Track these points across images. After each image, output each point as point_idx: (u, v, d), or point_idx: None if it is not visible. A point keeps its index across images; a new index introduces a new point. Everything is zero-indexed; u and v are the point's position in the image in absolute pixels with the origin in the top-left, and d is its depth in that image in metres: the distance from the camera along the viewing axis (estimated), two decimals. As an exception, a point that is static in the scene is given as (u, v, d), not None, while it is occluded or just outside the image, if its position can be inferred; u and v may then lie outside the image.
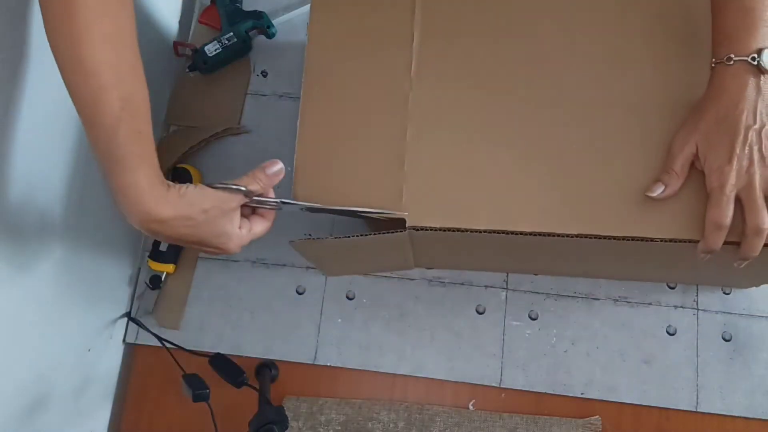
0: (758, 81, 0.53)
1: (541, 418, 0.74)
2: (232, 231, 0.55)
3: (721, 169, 0.53)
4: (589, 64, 0.60)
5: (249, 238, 0.57)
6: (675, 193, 0.56)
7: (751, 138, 0.53)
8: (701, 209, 0.55)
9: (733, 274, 0.71)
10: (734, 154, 0.52)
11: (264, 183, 0.56)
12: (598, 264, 0.70)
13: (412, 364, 0.77)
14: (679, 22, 0.60)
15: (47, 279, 0.63)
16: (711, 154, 0.54)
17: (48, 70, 0.45)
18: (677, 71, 0.59)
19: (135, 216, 0.49)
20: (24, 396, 0.62)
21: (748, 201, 0.53)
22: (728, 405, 0.74)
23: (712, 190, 0.54)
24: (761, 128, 0.53)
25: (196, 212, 0.51)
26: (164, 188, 0.50)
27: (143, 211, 0.49)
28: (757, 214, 0.52)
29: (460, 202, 0.58)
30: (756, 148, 0.53)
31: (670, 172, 0.55)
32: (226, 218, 0.54)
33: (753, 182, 0.52)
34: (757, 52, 0.52)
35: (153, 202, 0.49)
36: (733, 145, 0.52)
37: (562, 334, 0.77)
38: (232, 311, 0.80)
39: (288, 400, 0.77)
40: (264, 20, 0.87)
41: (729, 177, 0.52)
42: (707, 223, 0.54)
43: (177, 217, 0.50)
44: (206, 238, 0.53)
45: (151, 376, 0.79)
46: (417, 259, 0.75)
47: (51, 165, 0.62)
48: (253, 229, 0.57)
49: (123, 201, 0.49)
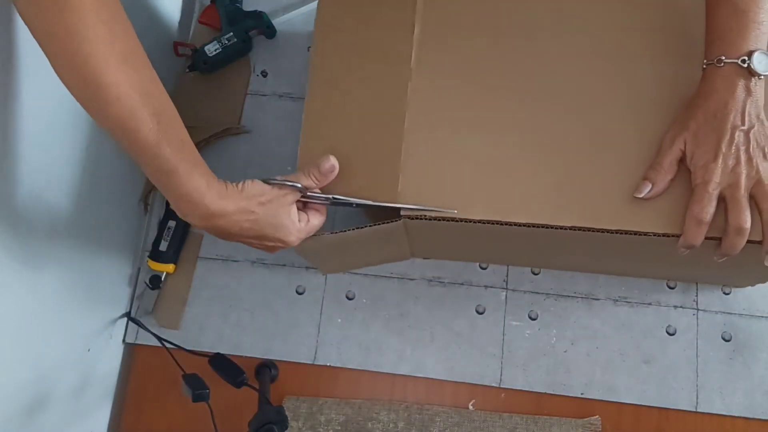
0: (748, 83, 0.53)
1: (540, 418, 0.74)
2: (291, 224, 0.57)
3: (706, 166, 0.53)
4: (588, 58, 0.60)
5: (307, 230, 0.59)
6: (663, 190, 0.56)
7: (738, 138, 0.53)
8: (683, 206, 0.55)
9: (732, 273, 0.71)
10: (720, 153, 0.53)
11: (317, 179, 0.59)
12: (593, 258, 0.71)
13: (412, 364, 0.77)
14: (680, 20, 0.60)
15: (47, 279, 0.63)
16: (698, 151, 0.54)
17: (47, 70, 0.45)
18: (675, 68, 0.59)
19: (199, 217, 0.51)
20: (24, 396, 0.62)
21: (732, 200, 0.53)
22: (728, 405, 0.74)
23: (696, 187, 0.54)
24: (749, 129, 0.53)
25: (256, 205, 0.54)
26: (222, 185, 0.52)
27: (207, 211, 0.51)
28: (740, 213, 0.53)
29: (455, 192, 0.58)
30: (743, 149, 0.53)
31: (658, 169, 0.56)
32: (284, 211, 0.56)
33: (738, 182, 0.53)
34: (747, 55, 0.53)
35: (215, 199, 0.51)
36: (720, 144, 0.53)
37: (562, 334, 0.77)
38: (232, 311, 0.80)
39: (288, 400, 0.77)
40: (264, 20, 0.87)
41: (714, 175, 0.53)
42: (688, 218, 0.54)
43: (238, 210, 0.53)
44: (267, 231, 0.56)
45: (151, 376, 0.79)
46: (414, 250, 0.75)
47: (51, 164, 0.62)
48: (310, 221, 0.59)
49: (185, 207, 0.51)
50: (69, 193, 0.65)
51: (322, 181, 0.59)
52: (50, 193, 0.62)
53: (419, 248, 0.74)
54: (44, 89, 0.58)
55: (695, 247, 0.55)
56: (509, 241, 0.65)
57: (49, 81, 0.45)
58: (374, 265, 0.80)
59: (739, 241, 0.53)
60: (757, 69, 0.52)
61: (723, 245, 0.55)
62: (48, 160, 0.61)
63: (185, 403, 0.65)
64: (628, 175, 0.57)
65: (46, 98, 0.58)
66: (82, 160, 0.66)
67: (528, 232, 0.59)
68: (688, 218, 0.54)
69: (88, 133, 0.67)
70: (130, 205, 0.81)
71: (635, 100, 0.59)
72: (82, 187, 0.67)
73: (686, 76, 0.58)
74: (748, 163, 0.53)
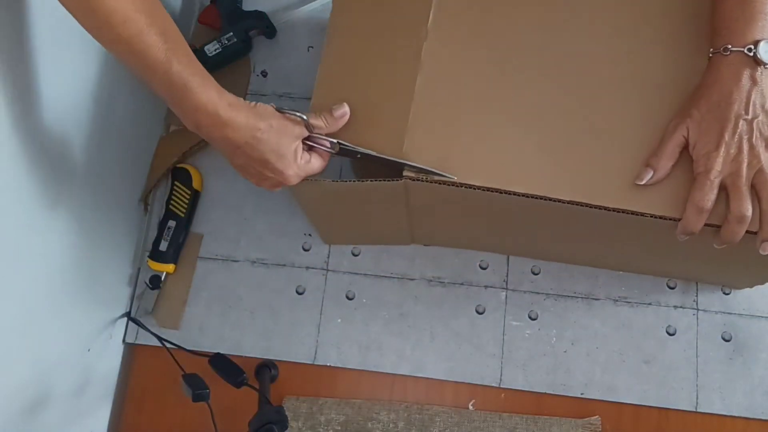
0: (753, 72, 0.53)
1: (540, 418, 0.74)
2: (293, 157, 0.57)
3: (708, 155, 0.54)
4: (602, 37, 0.61)
5: (306, 170, 0.59)
6: (663, 177, 0.56)
7: (742, 127, 0.53)
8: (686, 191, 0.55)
9: (731, 269, 0.71)
10: (723, 142, 0.53)
11: (328, 122, 0.59)
12: (591, 245, 0.71)
13: (412, 364, 0.77)
14: (694, 8, 0.60)
15: (47, 279, 0.63)
16: (700, 140, 0.55)
17: (45, 70, 0.45)
18: (686, 56, 0.59)
19: (211, 126, 0.54)
20: (24, 395, 0.62)
21: (734, 188, 0.53)
22: (728, 405, 0.74)
23: (698, 175, 0.54)
24: (753, 119, 0.53)
25: (265, 125, 0.55)
26: (233, 97, 0.55)
27: (219, 120, 0.53)
28: (741, 202, 0.53)
29: (458, 158, 0.58)
30: (746, 138, 0.53)
31: (660, 155, 0.56)
32: (289, 141, 0.57)
33: (740, 170, 0.53)
34: (753, 44, 0.53)
35: (226, 109, 0.53)
36: (723, 132, 0.53)
37: (561, 334, 0.77)
38: (232, 311, 0.80)
39: (288, 400, 0.77)
40: (264, 20, 0.87)
41: (715, 163, 0.53)
42: (689, 204, 0.54)
43: (248, 125, 0.54)
44: (269, 156, 0.56)
45: (151, 376, 0.79)
46: (414, 230, 0.75)
47: (51, 164, 0.62)
48: (311, 162, 0.59)
49: (200, 118, 0.53)
50: (68, 194, 0.65)
51: (332, 125, 0.59)
52: (50, 192, 0.62)
53: (419, 226, 0.74)
54: (44, 91, 0.58)
55: (694, 234, 0.55)
56: (508, 218, 0.66)
57: (50, 83, 0.45)
58: (375, 243, 0.80)
59: (740, 228, 0.54)
60: (763, 58, 0.53)
61: (723, 233, 0.55)
62: (48, 160, 0.61)
63: (185, 403, 0.65)
64: (630, 158, 0.57)
65: (45, 98, 0.59)
66: (82, 159, 0.66)
67: (527, 205, 0.59)
68: (689, 205, 0.54)
69: (88, 133, 0.67)
70: (130, 205, 0.81)
71: (643, 85, 0.59)
72: (82, 187, 0.67)
73: (695, 64, 0.58)
74: (751, 152, 0.53)
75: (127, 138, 0.77)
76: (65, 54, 0.61)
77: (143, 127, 0.82)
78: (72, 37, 0.61)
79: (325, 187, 0.62)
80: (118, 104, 0.73)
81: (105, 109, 0.70)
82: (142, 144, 0.83)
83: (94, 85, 0.67)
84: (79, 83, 0.65)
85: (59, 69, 0.61)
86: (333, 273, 0.81)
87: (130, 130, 0.78)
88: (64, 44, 0.61)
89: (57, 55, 0.60)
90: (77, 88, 0.65)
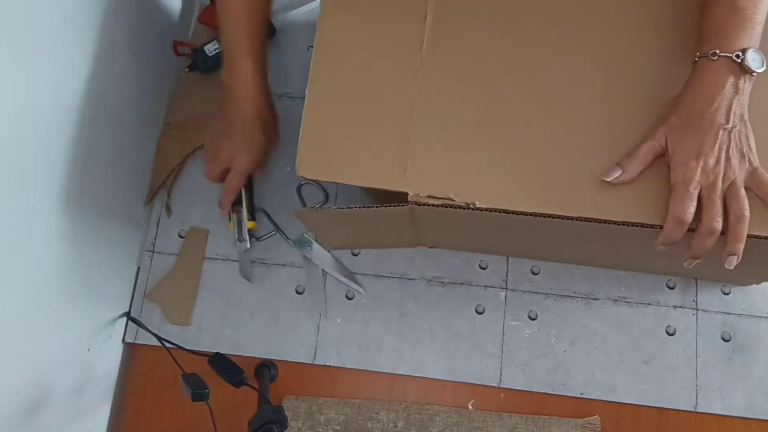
0: (738, 80, 0.53)
1: (540, 418, 0.74)
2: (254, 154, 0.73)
3: (687, 164, 0.53)
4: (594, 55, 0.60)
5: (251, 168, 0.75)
6: (630, 180, 0.55)
7: (721, 137, 0.52)
8: (664, 197, 0.55)
9: (727, 271, 0.71)
10: (702, 152, 0.52)
11: None
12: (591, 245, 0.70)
13: (412, 364, 0.77)
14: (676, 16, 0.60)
15: (47, 278, 0.63)
16: (679, 148, 0.54)
17: (45, 70, 0.45)
18: (669, 64, 0.59)
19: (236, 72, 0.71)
20: (23, 395, 0.62)
21: (708, 201, 0.52)
22: (727, 405, 0.74)
23: (676, 185, 0.53)
24: (732, 129, 0.52)
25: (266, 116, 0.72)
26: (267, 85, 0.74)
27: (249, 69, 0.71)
28: (714, 214, 0.52)
29: (460, 180, 0.58)
30: (724, 148, 0.52)
31: (632, 157, 0.55)
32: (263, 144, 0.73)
33: (716, 182, 0.52)
34: (742, 51, 0.52)
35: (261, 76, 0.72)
36: (703, 142, 0.52)
37: (561, 334, 0.77)
38: (231, 311, 0.80)
39: (287, 400, 0.77)
40: (264, 20, 0.87)
41: (695, 174, 0.52)
42: (669, 217, 0.53)
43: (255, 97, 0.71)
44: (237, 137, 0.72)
45: (151, 376, 0.79)
46: (419, 237, 0.75)
47: (51, 164, 0.62)
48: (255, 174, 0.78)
49: None
50: (68, 194, 0.65)
51: None
52: (50, 192, 0.62)
53: (424, 236, 0.74)
54: (43, 89, 0.58)
55: (674, 245, 0.54)
56: (512, 230, 0.66)
57: (49, 81, 0.45)
58: (380, 248, 0.80)
59: (709, 242, 0.53)
60: (750, 66, 0.52)
61: (694, 245, 0.54)
62: (48, 160, 0.61)
63: (185, 403, 0.65)
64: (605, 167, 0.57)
65: (45, 98, 0.59)
66: (83, 159, 0.66)
67: (532, 223, 0.59)
68: (669, 217, 0.53)
69: (89, 133, 0.67)
70: (130, 205, 0.81)
71: (630, 96, 0.59)
72: (82, 187, 0.67)
73: (676, 74, 0.58)
74: (727, 163, 0.52)
75: (127, 136, 0.77)
76: (64, 51, 0.61)
77: (143, 126, 0.82)
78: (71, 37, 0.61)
79: (332, 213, 0.62)
80: (117, 102, 0.73)
81: (105, 108, 0.70)
82: (143, 142, 0.83)
83: (90, 81, 0.67)
84: (76, 80, 0.65)
85: (57, 65, 0.61)
86: (333, 273, 0.81)
87: (130, 128, 0.78)
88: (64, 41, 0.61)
89: (55, 51, 0.60)
90: (75, 84, 0.64)
